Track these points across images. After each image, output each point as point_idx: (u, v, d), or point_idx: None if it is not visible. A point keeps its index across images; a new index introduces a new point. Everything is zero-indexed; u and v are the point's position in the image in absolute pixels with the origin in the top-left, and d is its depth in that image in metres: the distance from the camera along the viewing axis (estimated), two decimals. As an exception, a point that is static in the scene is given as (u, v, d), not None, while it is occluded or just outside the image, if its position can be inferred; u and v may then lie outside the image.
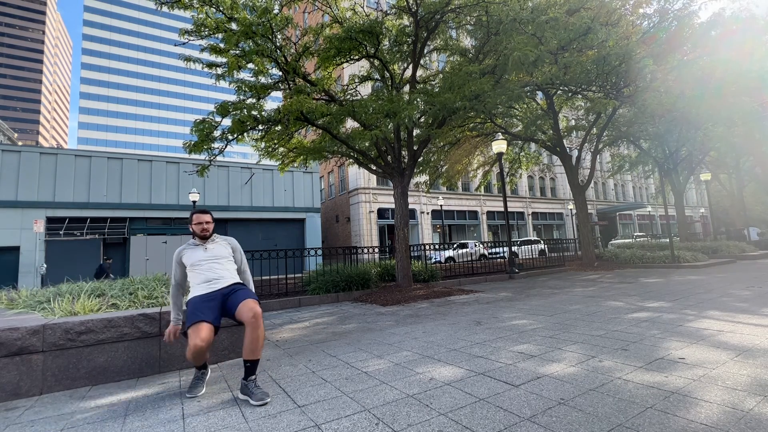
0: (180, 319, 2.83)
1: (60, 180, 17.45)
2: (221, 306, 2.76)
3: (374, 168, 9.66)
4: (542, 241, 17.15)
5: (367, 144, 9.62)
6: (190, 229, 3.04)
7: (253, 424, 2.09)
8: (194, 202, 16.42)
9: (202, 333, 2.52)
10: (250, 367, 2.55)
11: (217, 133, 8.44)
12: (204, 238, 2.98)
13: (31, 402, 2.64)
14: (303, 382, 2.74)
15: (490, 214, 31.94)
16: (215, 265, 2.92)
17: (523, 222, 34.04)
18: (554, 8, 9.56)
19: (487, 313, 5.28)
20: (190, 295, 2.82)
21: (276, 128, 9.02)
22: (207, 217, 3.02)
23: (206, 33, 7.56)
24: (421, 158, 11.13)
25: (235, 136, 8.43)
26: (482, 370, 2.78)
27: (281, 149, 10.25)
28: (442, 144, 12.77)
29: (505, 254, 14.03)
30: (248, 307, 2.60)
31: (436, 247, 13.47)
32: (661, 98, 10.41)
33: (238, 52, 7.57)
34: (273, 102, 11.95)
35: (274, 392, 2.57)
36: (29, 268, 16.42)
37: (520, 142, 15.76)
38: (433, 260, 16.28)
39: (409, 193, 9.46)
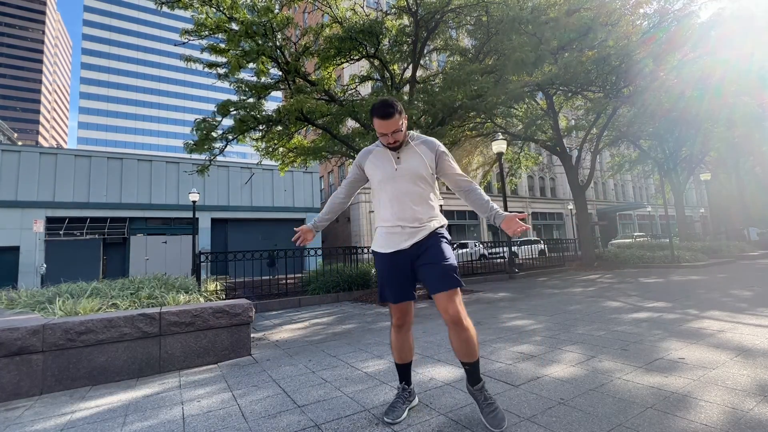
0: (312, 226, 2.17)
1: (60, 180, 17.46)
2: (411, 273, 1.99)
3: (374, 168, 9.65)
4: (542, 241, 17.16)
5: (367, 144, 9.63)
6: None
7: (253, 424, 2.09)
8: (194, 202, 16.42)
9: (394, 317, 2.04)
10: (469, 370, 1.96)
11: (217, 133, 8.45)
12: (393, 149, 2.02)
13: (31, 402, 2.64)
14: (303, 382, 2.74)
15: (490, 214, 31.89)
16: (407, 190, 1.98)
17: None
18: (554, 8, 9.57)
19: (487, 313, 5.28)
20: (374, 242, 2.09)
21: (276, 128, 9.02)
22: (394, 125, 1.91)
23: (206, 33, 7.57)
24: (421, 158, 11.10)
25: (236, 135, 8.44)
26: (482, 370, 2.76)
27: (281, 149, 10.26)
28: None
29: (505, 254, 14.03)
30: (442, 307, 1.88)
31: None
32: (661, 98, 10.40)
33: (239, 51, 7.58)
34: (273, 102, 11.96)
35: (274, 392, 2.57)
36: (29, 268, 16.42)
37: (520, 142, 15.77)
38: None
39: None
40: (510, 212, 2.01)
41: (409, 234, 1.96)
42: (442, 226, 2.06)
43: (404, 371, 2.15)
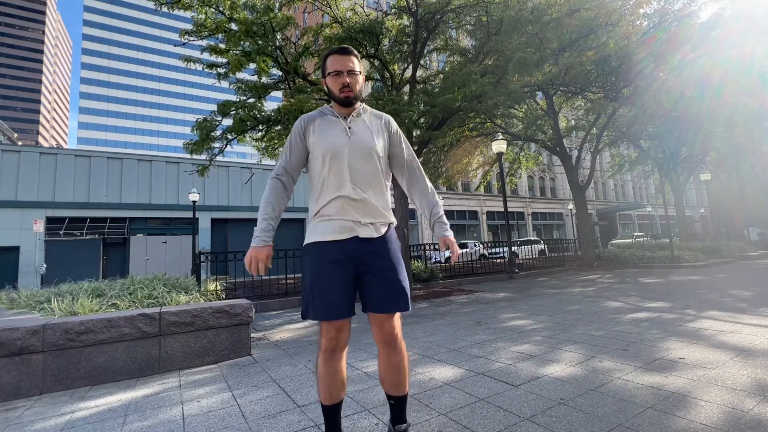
0: (264, 237, 1.55)
1: (60, 180, 17.46)
2: (355, 278, 1.54)
3: (374, 168, 9.66)
4: (542, 241, 17.15)
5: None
6: (326, 88, 1.66)
7: (253, 424, 2.09)
8: (194, 202, 16.42)
9: (325, 338, 1.53)
10: (394, 405, 1.62)
11: (217, 133, 8.46)
12: (347, 103, 1.61)
13: (30, 402, 2.64)
14: (303, 382, 2.74)
15: (490, 214, 31.94)
16: (361, 169, 1.56)
17: (523, 222, 34.05)
18: (554, 8, 9.57)
19: (487, 313, 5.28)
20: (310, 233, 1.57)
21: (276, 128, 9.02)
22: (351, 63, 1.58)
23: (206, 33, 7.58)
24: (421, 158, 11.15)
25: (236, 135, 8.45)
26: (482, 370, 2.78)
27: (281, 149, 10.25)
28: (442, 144, 12.78)
29: (505, 254, 14.03)
30: (377, 323, 1.56)
31: (436, 247, 13.46)
32: (662, 99, 10.40)
33: (239, 52, 7.59)
34: (273, 102, 11.97)
35: (274, 392, 2.58)
36: (29, 268, 16.42)
37: (520, 142, 15.77)
38: (433, 260, 16.29)
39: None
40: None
41: (361, 225, 1.53)
42: (392, 224, 1.66)
43: (334, 416, 1.61)
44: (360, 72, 1.62)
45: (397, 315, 1.59)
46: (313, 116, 1.66)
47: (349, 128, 1.59)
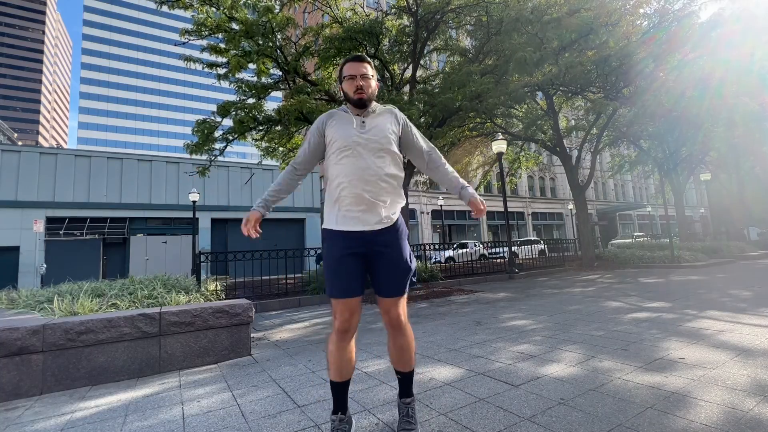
0: (261, 205, 1.82)
1: (60, 180, 17.47)
2: (365, 263, 1.75)
3: (374, 168, 9.66)
4: (542, 241, 17.15)
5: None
6: (342, 92, 1.82)
7: (253, 424, 2.09)
8: (194, 202, 16.42)
9: (339, 318, 1.71)
10: (401, 380, 1.82)
11: (217, 134, 8.46)
12: (360, 104, 1.77)
13: (30, 402, 2.64)
14: (303, 382, 2.74)
15: (490, 214, 31.95)
16: (372, 163, 1.70)
17: (523, 222, 34.05)
18: (554, 8, 9.57)
19: (487, 313, 5.27)
20: (327, 219, 1.77)
21: (276, 128, 9.03)
22: (364, 68, 1.77)
23: (206, 33, 7.58)
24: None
25: (236, 136, 8.46)
26: (482, 370, 2.78)
27: (281, 149, 10.27)
28: (442, 144, 12.78)
29: (505, 254, 14.03)
30: (384, 309, 1.76)
31: (436, 247, 13.47)
32: (662, 99, 10.40)
33: (239, 52, 7.59)
34: (273, 102, 11.95)
35: (274, 392, 2.57)
36: (29, 268, 16.42)
37: (520, 142, 15.78)
38: (433, 260, 16.29)
39: (408, 192, 9.47)
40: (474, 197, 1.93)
41: (375, 215, 1.69)
42: (397, 213, 1.82)
43: (341, 393, 1.77)
44: (373, 76, 1.80)
45: (403, 302, 1.79)
46: (332, 113, 1.83)
47: (363, 123, 1.75)
